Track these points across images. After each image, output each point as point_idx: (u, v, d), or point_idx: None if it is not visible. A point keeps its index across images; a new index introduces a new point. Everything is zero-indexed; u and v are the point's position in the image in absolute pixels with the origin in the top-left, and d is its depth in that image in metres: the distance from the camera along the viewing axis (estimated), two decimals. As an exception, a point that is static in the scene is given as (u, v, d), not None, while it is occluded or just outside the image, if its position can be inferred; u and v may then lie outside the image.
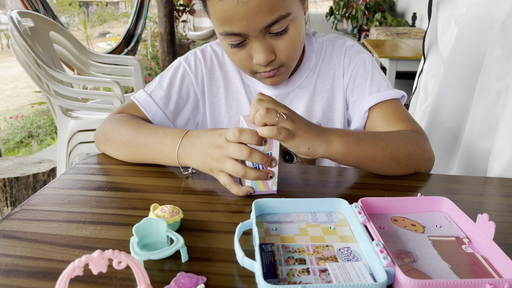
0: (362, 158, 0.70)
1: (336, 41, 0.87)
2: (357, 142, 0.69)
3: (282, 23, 0.69)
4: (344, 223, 0.59)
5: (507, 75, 0.83)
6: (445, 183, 0.75)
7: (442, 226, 0.59)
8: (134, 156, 0.76)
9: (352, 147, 0.68)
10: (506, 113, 0.80)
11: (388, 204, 0.62)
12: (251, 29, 0.68)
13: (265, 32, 0.70)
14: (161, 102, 0.85)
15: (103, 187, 0.70)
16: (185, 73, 0.87)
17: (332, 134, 0.68)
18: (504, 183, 0.76)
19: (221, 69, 0.88)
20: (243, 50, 0.73)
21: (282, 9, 0.68)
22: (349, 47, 0.86)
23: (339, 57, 0.86)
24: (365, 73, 0.83)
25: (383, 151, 0.71)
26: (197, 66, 0.87)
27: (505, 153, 0.80)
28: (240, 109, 0.88)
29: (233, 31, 0.69)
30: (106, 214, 0.61)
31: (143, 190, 0.69)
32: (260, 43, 0.71)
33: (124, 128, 0.77)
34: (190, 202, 0.65)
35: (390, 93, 0.80)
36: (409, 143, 0.74)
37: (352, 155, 0.69)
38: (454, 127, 1.01)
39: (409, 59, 3.65)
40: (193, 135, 0.70)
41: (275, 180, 0.68)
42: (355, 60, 0.84)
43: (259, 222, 0.59)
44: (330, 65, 0.86)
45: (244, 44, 0.73)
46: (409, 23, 7.44)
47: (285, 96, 0.87)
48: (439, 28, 1.14)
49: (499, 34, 0.83)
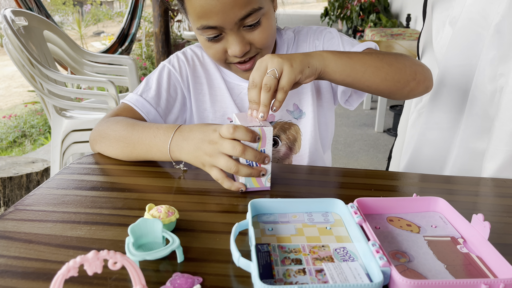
0: (355, 65, 0.72)
1: (302, 29, 0.94)
2: (345, 54, 0.72)
3: (255, 16, 0.74)
4: (340, 223, 0.60)
5: (502, 76, 0.83)
6: (440, 184, 0.75)
7: (437, 226, 0.60)
8: (127, 152, 0.77)
9: (341, 56, 0.71)
10: (500, 114, 0.80)
11: (383, 204, 0.63)
12: (226, 22, 0.73)
13: (239, 25, 0.75)
14: (152, 101, 0.87)
15: (98, 187, 0.69)
16: (171, 73, 0.91)
17: (318, 51, 0.71)
18: (499, 183, 0.76)
19: (203, 68, 0.93)
20: (219, 43, 0.78)
21: (254, 3, 0.73)
22: (313, 31, 0.93)
23: (305, 42, 0.92)
24: (334, 39, 0.90)
25: (370, 56, 0.74)
26: (180, 66, 0.92)
27: (499, 154, 0.80)
28: (224, 103, 0.92)
29: (210, 25, 0.74)
30: (101, 214, 0.61)
31: (138, 190, 0.69)
32: (235, 35, 0.76)
33: (119, 125, 0.79)
34: (186, 202, 0.65)
35: (363, 45, 0.85)
36: (393, 53, 0.77)
37: (344, 63, 0.71)
38: (449, 127, 1.02)
39: (403, 60, 3.66)
40: (186, 129, 0.71)
41: (269, 177, 0.69)
42: (322, 35, 0.91)
43: (255, 222, 0.59)
44: (299, 51, 0.92)
45: (220, 37, 0.77)
46: (404, 24, 7.46)
47: None
48: (434, 29, 1.15)
49: (494, 36, 0.83)
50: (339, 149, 3.05)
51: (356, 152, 3.01)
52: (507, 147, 0.80)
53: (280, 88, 0.66)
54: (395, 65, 0.74)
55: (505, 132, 0.80)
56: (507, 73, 0.80)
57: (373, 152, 3.00)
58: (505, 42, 0.82)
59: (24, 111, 4.24)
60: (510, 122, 0.78)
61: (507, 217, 0.64)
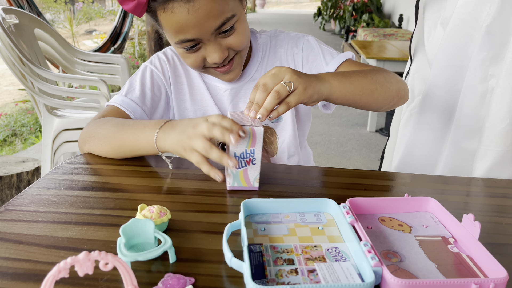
0: (355, 90, 0.75)
1: (279, 34, 0.95)
2: (345, 77, 0.75)
3: (228, 24, 0.76)
4: (332, 223, 0.60)
5: (492, 77, 0.84)
6: (431, 184, 0.76)
7: (429, 226, 0.60)
8: (116, 146, 0.78)
9: (344, 82, 0.74)
10: (490, 115, 0.81)
11: (375, 204, 0.63)
12: (203, 34, 0.75)
13: (216, 34, 0.77)
14: (138, 100, 0.88)
15: (89, 187, 0.69)
16: (153, 72, 0.92)
17: (325, 76, 0.73)
18: (489, 183, 0.77)
19: (183, 67, 0.94)
20: (197, 53, 0.80)
21: (227, 12, 0.75)
22: (291, 37, 0.94)
23: (283, 48, 0.93)
24: (314, 49, 0.91)
25: (366, 79, 0.77)
26: (162, 66, 0.93)
27: (489, 154, 0.81)
28: (204, 102, 0.94)
29: (188, 38, 0.76)
30: (92, 215, 0.60)
31: (130, 190, 0.68)
32: (213, 44, 0.78)
33: (108, 124, 0.80)
34: (178, 203, 0.65)
35: (343, 55, 0.88)
36: (379, 71, 0.81)
37: (348, 90, 0.74)
38: (440, 127, 1.02)
39: (395, 60, 3.68)
40: (176, 121, 0.72)
41: (257, 177, 0.70)
42: (301, 43, 0.92)
43: (248, 222, 0.59)
44: (276, 56, 0.93)
45: (198, 47, 0.79)
46: (396, 25, 7.51)
47: (239, 89, 0.92)
48: (426, 30, 1.15)
49: (485, 37, 0.84)
50: (331, 149, 3.06)
51: (348, 151, 3.02)
52: (497, 147, 0.80)
53: (286, 102, 0.67)
54: (385, 86, 0.79)
55: (495, 133, 0.80)
56: (498, 74, 0.81)
57: (366, 152, 3.01)
58: (496, 43, 0.82)
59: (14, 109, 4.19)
60: (500, 122, 0.79)
61: (497, 217, 0.65)
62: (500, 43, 0.81)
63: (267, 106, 0.66)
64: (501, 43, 0.81)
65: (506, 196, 0.72)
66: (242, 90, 0.92)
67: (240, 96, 0.92)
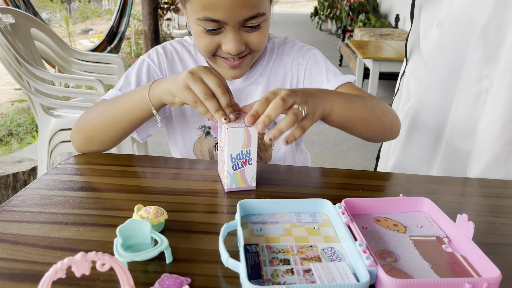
0: (352, 117, 0.75)
1: (286, 42, 0.95)
2: (346, 101, 0.74)
3: (257, 20, 0.76)
4: (328, 223, 0.60)
5: (486, 78, 0.85)
6: (426, 184, 0.76)
7: (423, 226, 0.60)
8: (109, 119, 0.78)
9: (345, 107, 0.73)
10: (485, 115, 0.82)
11: (371, 205, 0.63)
12: (231, 19, 0.74)
13: (241, 25, 0.76)
14: None
15: (86, 188, 0.69)
16: (150, 67, 0.91)
17: (330, 95, 0.72)
18: (483, 183, 0.78)
19: (181, 64, 0.93)
20: (216, 36, 0.78)
21: (261, 8, 0.75)
22: (299, 47, 0.94)
23: (289, 56, 0.93)
24: (318, 64, 0.91)
25: (365, 108, 0.76)
26: (159, 60, 0.92)
27: (484, 154, 0.82)
28: None
29: (214, 18, 0.73)
30: (89, 215, 0.61)
31: (127, 190, 0.69)
32: (234, 34, 0.76)
33: (98, 106, 0.81)
34: (175, 203, 0.65)
35: (345, 77, 0.88)
36: (379, 102, 0.81)
37: (345, 115, 0.74)
38: (435, 128, 1.03)
39: (392, 60, 3.69)
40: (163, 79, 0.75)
41: (254, 176, 0.70)
42: (307, 56, 0.92)
43: (244, 222, 0.59)
44: (281, 63, 0.93)
45: (219, 31, 0.77)
46: (392, 25, 7.53)
47: (242, 90, 0.92)
48: (421, 31, 1.16)
49: (479, 38, 0.85)
50: (328, 148, 3.07)
51: (345, 151, 3.03)
52: (491, 148, 0.81)
53: (301, 126, 0.64)
54: (381, 118, 0.79)
55: (489, 133, 0.81)
56: (492, 75, 0.82)
57: (362, 152, 3.02)
58: (491, 44, 0.83)
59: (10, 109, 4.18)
60: (494, 123, 0.80)
61: (491, 217, 0.65)
62: (494, 44, 0.82)
63: (282, 128, 0.61)
64: (495, 44, 0.82)
65: (500, 196, 0.73)
66: (243, 92, 0.92)
67: (241, 98, 0.91)
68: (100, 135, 0.80)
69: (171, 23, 6.79)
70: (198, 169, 0.78)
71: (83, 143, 0.82)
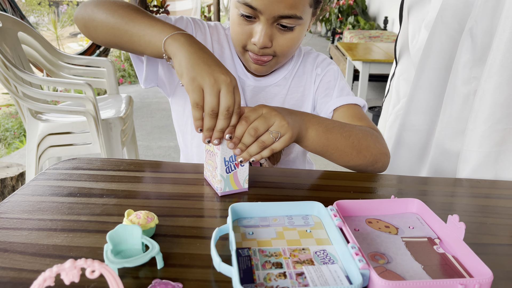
0: (328, 147, 0.76)
1: (312, 52, 0.98)
2: (325, 130, 0.75)
3: (293, 21, 0.76)
4: (320, 226, 0.60)
5: (475, 79, 0.85)
6: (416, 185, 0.76)
7: (415, 227, 0.61)
8: (114, 30, 0.73)
9: (321, 135, 0.74)
10: (473, 117, 0.82)
11: (362, 207, 0.63)
12: (267, 10, 0.74)
13: (275, 20, 0.76)
14: (162, 17, 0.83)
15: (75, 193, 0.68)
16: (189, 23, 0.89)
17: (308, 122, 0.73)
18: (473, 184, 0.78)
19: (219, 45, 0.92)
20: (248, 25, 0.78)
21: (299, 11, 0.75)
22: (321, 59, 0.96)
23: (312, 65, 0.95)
24: (334, 80, 0.93)
25: (346, 141, 0.76)
26: (199, 26, 0.91)
27: (473, 155, 0.83)
28: None
29: (252, 4, 0.74)
30: (79, 221, 0.60)
31: (117, 195, 0.68)
32: (266, 27, 0.76)
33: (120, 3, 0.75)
34: (165, 207, 0.64)
35: (354, 99, 0.89)
36: (368, 137, 0.80)
37: (319, 143, 0.75)
38: (425, 129, 1.04)
39: (381, 62, 3.72)
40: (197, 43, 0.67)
41: (246, 178, 0.70)
42: (326, 69, 0.94)
43: (236, 226, 0.59)
44: (305, 70, 0.95)
45: (253, 20, 0.77)
46: (381, 27, 7.59)
47: (262, 89, 0.92)
48: (410, 33, 1.17)
49: (467, 40, 0.86)
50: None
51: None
52: (480, 148, 0.82)
53: (271, 148, 0.67)
54: (362, 153, 0.78)
55: (478, 134, 0.82)
56: (480, 77, 0.83)
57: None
58: (478, 46, 0.84)
59: (-2, 114, 4.12)
60: (483, 124, 0.81)
61: (481, 217, 0.66)
62: (482, 46, 0.83)
63: (251, 153, 0.66)
64: (483, 46, 0.83)
65: (489, 196, 0.73)
66: (263, 91, 0.92)
67: (259, 97, 0.92)
68: (101, 34, 0.76)
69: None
70: (188, 172, 0.77)
71: (83, 26, 0.78)
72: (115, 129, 2.01)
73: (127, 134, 2.19)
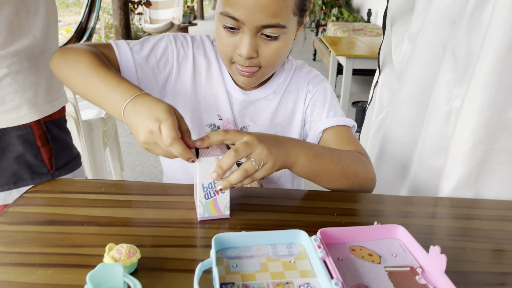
0: (318, 172, 0.76)
1: (304, 67, 0.96)
2: (315, 156, 0.75)
3: (277, 30, 0.75)
4: (304, 255, 0.60)
5: (456, 97, 0.86)
6: (399, 205, 0.77)
7: (398, 255, 0.61)
8: (82, 92, 0.74)
9: (311, 161, 0.74)
10: (455, 136, 0.83)
11: (346, 234, 0.64)
12: (250, 20, 0.73)
13: (259, 30, 0.75)
14: (138, 61, 0.83)
15: (55, 221, 0.66)
16: (169, 46, 0.88)
17: (297, 148, 0.73)
18: (454, 203, 0.79)
19: (205, 59, 0.90)
20: (233, 37, 0.77)
21: (282, 19, 0.74)
22: (314, 75, 0.94)
23: (304, 81, 0.93)
24: (325, 99, 0.91)
25: (335, 167, 0.77)
26: (182, 45, 0.89)
27: (454, 175, 0.84)
28: (218, 98, 0.90)
29: (234, 15, 0.73)
30: (58, 254, 0.58)
31: (98, 223, 0.66)
32: (250, 37, 0.75)
33: (86, 59, 0.74)
34: (148, 236, 0.63)
35: (344, 120, 0.88)
36: (357, 162, 0.80)
37: (310, 169, 0.75)
38: (408, 142, 1.05)
39: (365, 57, 3.73)
40: (139, 101, 0.66)
41: (227, 205, 0.69)
42: (318, 86, 0.92)
43: (219, 258, 0.58)
44: (295, 86, 0.93)
45: (237, 32, 0.76)
46: (365, 19, 7.61)
47: (251, 103, 0.91)
48: (393, 43, 1.17)
49: (449, 59, 0.86)
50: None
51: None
52: (461, 168, 0.83)
53: (252, 176, 0.67)
54: (351, 179, 0.79)
55: (460, 154, 0.83)
56: (462, 96, 0.83)
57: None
58: (460, 66, 0.84)
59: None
60: (464, 144, 0.82)
61: (462, 241, 0.67)
62: (464, 66, 0.84)
63: (232, 181, 0.65)
64: (465, 66, 0.83)
65: (470, 218, 0.74)
66: (252, 105, 0.91)
67: (248, 111, 0.91)
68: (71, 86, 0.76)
69: (142, 17, 6.64)
70: (172, 195, 0.76)
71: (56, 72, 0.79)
72: (96, 130, 1.98)
73: (109, 135, 2.15)
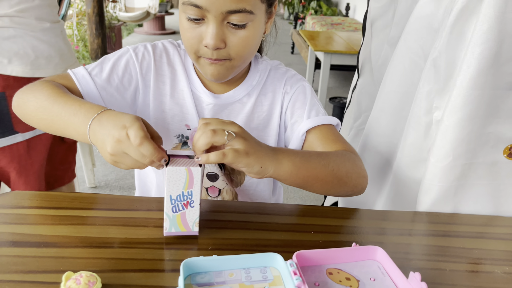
0: (308, 178, 0.72)
1: (280, 67, 0.91)
2: (303, 161, 0.71)
3: (243, 17, 0.71)
4: (279, 280, 0.57)
5: (437, 109, 0.84)
6: (375, 221, 0.75)
7: (376, 279, 0.59)
8: (45, 124, 0.72)
9: (299, 167, 0.70)
10: (435, 150, 0.81)
11: (323, 256, 0.61)
12: (213, 7, 0.69)
13: (224, 18, 0.71)
14: (100, 84, 0.79)
15: (9, 242, 0.61)
16: (131, 61, 0.83)
17: (281, 154, 0.69)
18: (432, 218, 0.78)
19: (169, 66, 0.86)
20: (198, 29, 0.73)
21: (249, 4, 0.70)
22: (291, 75, 0.90)
23: (280, 82, 0.89)
24: (304, 98, 0.87)
25: (325, 170, 0.73)
26: (144, 57, 0.84)
27: (433, 189, 0.82)
28: (185, 108, 0.86)
29: (196, 3, 0.69)
30: (11, 282, 0.53)
31: (56, 244, 0.61)
32: (216, 27, 0.71)
33: (44, 92, 0.72)
34: (110, 260, 0.59)
35: (327, 119, 0.84)
36: (347, 161, 0.77)
37: (299, 175, 0.70)
38: (387, 151, 1.03)
39: (342, 53, 3.73)
40: (105, 116, 0.64)
41: (197, 220, 0.65)
42: (296, 86, 0.88)
43: (188, 285, 0.54)
44: (271, 87, 0.89)
45: (201, 22, 0.72)
46: (343, 13, 7.63)
47: (224, 107, 0.87)
48: (373, 47, 1.15)
49: (430, 70, 0.84)
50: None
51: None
52: (440, 182, 0.81)
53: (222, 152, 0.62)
54: (343, 180, 0.75)
55: (438, 168, 0.81)
56: (443, 107, 0.82)
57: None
58: (441, 77, 0.82)
59: None
60: (443, 159, 0.80)
61: (441, 262, 0.65)
62: (445, 77, 0.82)
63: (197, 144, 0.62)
64: (446, 77, 0.81)
65: (447, 235, 0.73)
66: (226, 109, 0.86)
67: (221, 116, 0.86)
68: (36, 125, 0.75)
69: (116, 5, 6.44)
70: (140, 210, 0.72)
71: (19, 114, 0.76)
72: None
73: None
